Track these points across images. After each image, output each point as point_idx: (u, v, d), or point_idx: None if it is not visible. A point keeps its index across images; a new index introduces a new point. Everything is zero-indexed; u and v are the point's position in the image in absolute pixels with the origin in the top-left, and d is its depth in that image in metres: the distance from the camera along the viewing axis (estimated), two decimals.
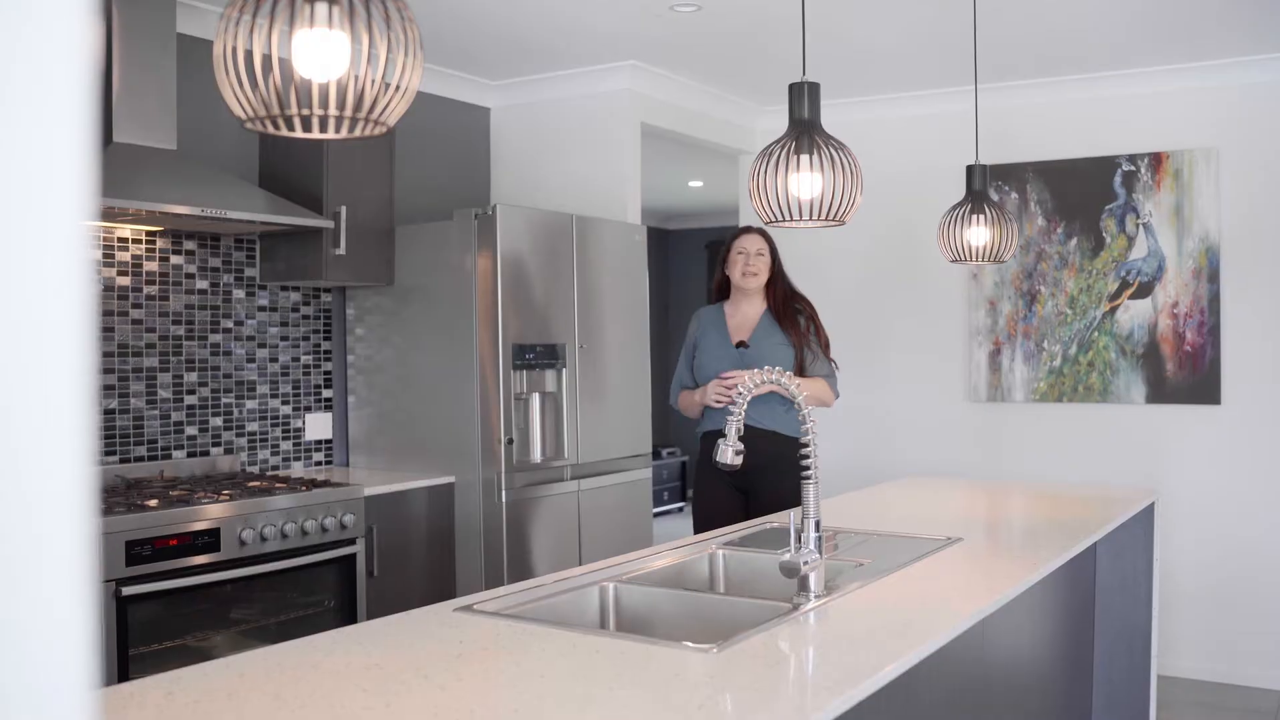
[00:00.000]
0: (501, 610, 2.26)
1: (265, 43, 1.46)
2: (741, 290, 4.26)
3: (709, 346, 4.22)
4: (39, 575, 0.54)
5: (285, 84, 1.46)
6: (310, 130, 1.55)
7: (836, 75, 5.47)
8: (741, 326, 4.23)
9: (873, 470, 5.70)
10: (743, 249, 4.25)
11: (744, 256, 4.22)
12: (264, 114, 1.45)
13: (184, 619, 3.58)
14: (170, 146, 3.99)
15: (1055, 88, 5.52)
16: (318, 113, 1.47)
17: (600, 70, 5.35)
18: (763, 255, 4.23)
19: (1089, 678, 3.90)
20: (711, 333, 4.24)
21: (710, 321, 4.29)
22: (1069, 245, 5.52)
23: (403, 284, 4.79)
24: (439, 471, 4.62)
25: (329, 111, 1.47)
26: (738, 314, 4.26)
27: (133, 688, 1.73)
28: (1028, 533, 3.45)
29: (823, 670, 1.93)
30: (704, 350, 4.22)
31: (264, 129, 1.51)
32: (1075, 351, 5.51)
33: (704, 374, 4.18)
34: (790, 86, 2.69)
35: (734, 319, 4.26)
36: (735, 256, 4.24)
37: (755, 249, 4.23)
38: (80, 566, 0.56)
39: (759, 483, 4.04)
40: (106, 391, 4.11)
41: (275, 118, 1.48)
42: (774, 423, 4.06)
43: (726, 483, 4.09)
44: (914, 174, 5.82)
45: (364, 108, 1.46)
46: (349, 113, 1.51)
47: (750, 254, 4.22)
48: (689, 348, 4.31)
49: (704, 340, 4.25)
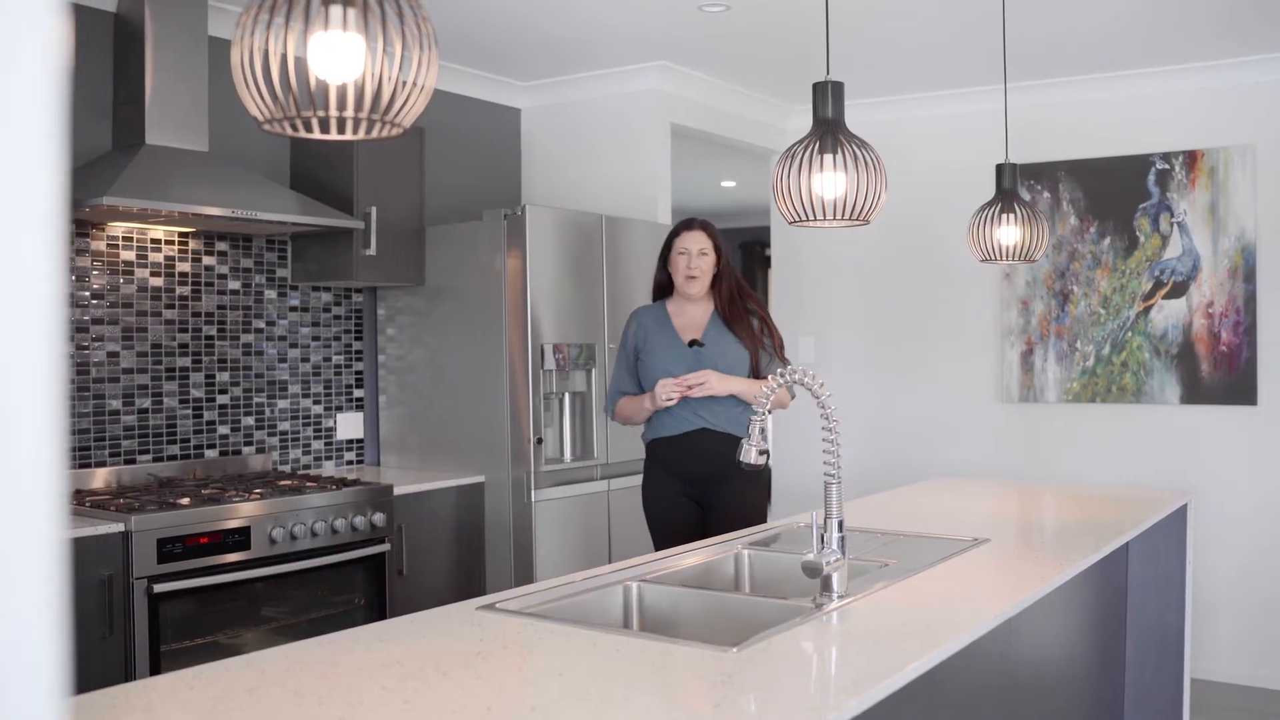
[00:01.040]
0: (523, 609, 2.27)
1: (283, 45, 1.48)
2: (683, 293, 3.88)
3: (656, 348, 3.84)
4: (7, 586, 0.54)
5: (302, 86, 1.47)
6: (328, 131, 1.57)
7: (866, 75, 5.45)
8: (690, 326, 3.87)
9: (902, 472, 5.68)
10: (684, 248, 3.84)
11: (685, 257, 3.83)
12: (281, 116, 1.46)
13: (215, 616, 3.62)
14: (202, 148, 4.03)
15: (1087, 85, 5.47)
16: (335, 114, 1.48)
17: (630, 71, 5.36)
18: (706, 255, 3.83)
19: (1120, 680, 3.87)
20: (657, 334, 3.87)
21: (653, 322, 3.90)
22: (1102, 244, 5.48)
23: (433, 284, 4.81)
24: (469, 471, 4.64)
25: (346, 113, 1.48)
26: (683, 314, 3.89)
27: (155, 682, 1.75)
28: (1056, 534, 3.43)
29: (841, 670, 1.93)
30: (651, 352, 3.85)
31: (282, 131, 1.53)
32: (1109, 351, 5.46)
33: (653, 377, 3.81)
34: (814, 86, 2.69)
35: (680, 319, 3.88)
36: (676, 257, 3.85)
37: (698, 248, 3.83)
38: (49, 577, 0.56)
39: (716, 493, 3.75)
40: (140, 391, 4.15)
41: (293, 119, 1.50)
42: (730, 424, 3.76)
43: (680, 493, 3.80)
44: (945, 173, 5.79)
45: (380, 109, 1.47)
46: (366, 114, 1.52)
47: (693, 254, 3.82)
48: (628, 353, 3.93)
49: (649, 342, 3.87)
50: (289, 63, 1.46)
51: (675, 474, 3.80)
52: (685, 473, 3.77)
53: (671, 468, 3.80)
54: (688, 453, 3.76)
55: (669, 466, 3.81)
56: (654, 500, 3.88)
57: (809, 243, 6.27)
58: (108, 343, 4.06)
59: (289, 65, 1.45)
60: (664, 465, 3.83)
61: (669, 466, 3.81)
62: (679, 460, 3.78)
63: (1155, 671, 3.95)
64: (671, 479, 3.81)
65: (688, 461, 3.76)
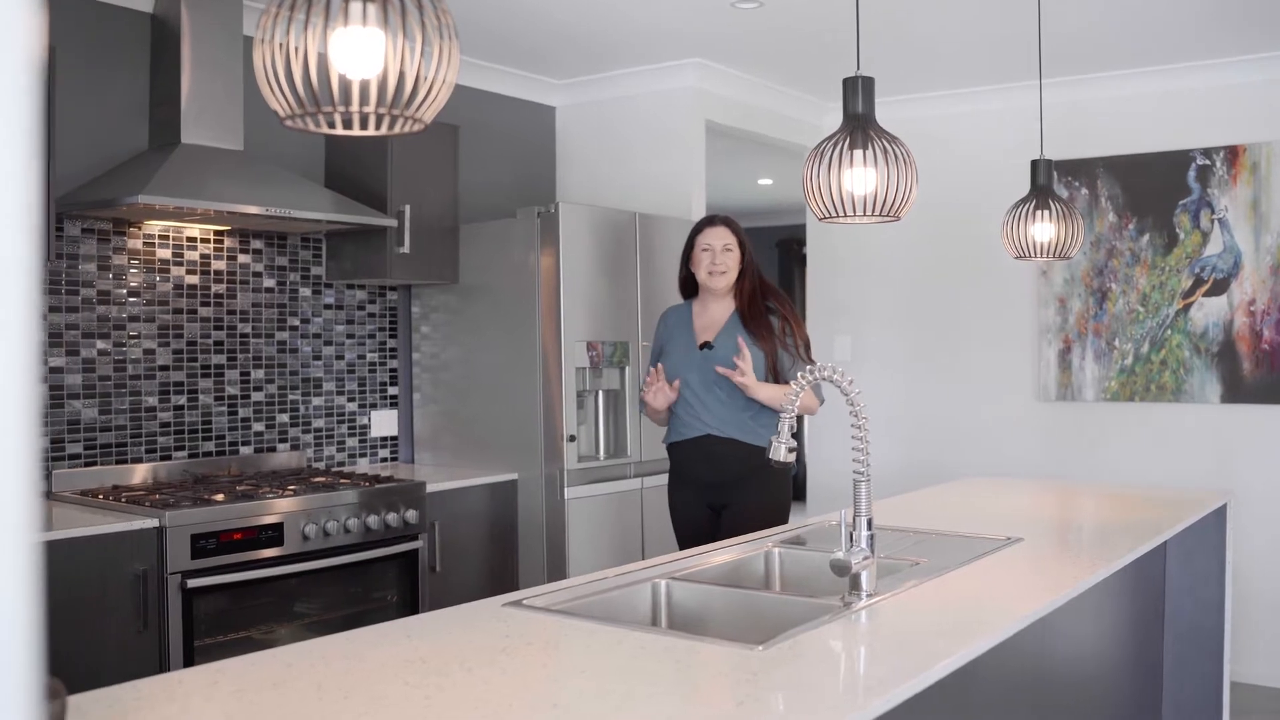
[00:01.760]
0: (551, 606, 2.27)
1: (305, 41, 1.48)
2: (709, 290, 3.83)
3: (675, 349, 3.82)
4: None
5: (324, 82, 1.48)
6: (351, 128, 1.57)
7: (903, 71, 5.41)
8: (708, 327, 3.81)
9: (938, 471, 5.64)
10: (708, 244, 3.79)
11: (709, 253, 3.77)
12: (301, 111, 1.47)
13: (248, 612, 3.64)
14: (237, 147, 4.06)
15: (1126, 80, 5.41)
16: (356, 110, 1.49)
17: (664, 68, 5.35)
18: (730, 250, 3.77)
19: (1158, 681, 3.82)
20: (679, 334, 3.85)
21: (677, 322, 3.89)
22: (1141, 241, 5.41)
23: (467, 282, 4.82)
24: (503, 468, 4.65)
25: (368, 109, 1.48)
26: (705, 314, 3.84)
27: (180, 675, 1.76)
28: (1091, 533, 3.39)
29: (868, 669, 1.91)
30: (670, 353, 3.83)
31: (305, 127, 1.53)
32: (1148, 350, 5.40)
33: (668, 377, 3.77)
34: (844, 81, 2.67)
35: (701, 319, 3.84)
36: (700, 254, 3.79)
37: (722, 244, 3.77)
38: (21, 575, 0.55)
39: (731, 499, 3.71)
40: (175, 388, 4.19)
41: (315, 115, 1.50)
42: (739, 431, 3.71)
43: (697, 499, 3.79)
44: (982, 170, 5.74)
45: (400, 104, 1.47)
46: (388, 110, 1.52)
47: (716, 250, 3.77)
48: (655, 352, 3.93)
49: (671, 343, 3.86)
50: (310, 59, 1.46)
51: (689, 480, 3.81)
52: (697, 478, 3.77)
53: (685, 473, 3.81)
54: (696, 458, 3.76)
55: (683, 472, 3.82)
56: (676, 508, 3.88)
57: (845, 241, 6.24)
58: (144, 340, 4.09)
59: (310, 61, 1.46)
60: (679, 470, 3.85)
61: (683, 472, 3.82)
62: (690, 465, 3.79)
63: (1193, 674, 3.90)
64: (687, 485, 3.81)
65: (698, 467, 3.76)
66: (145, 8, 4.07)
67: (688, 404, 3.75)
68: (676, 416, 3.80)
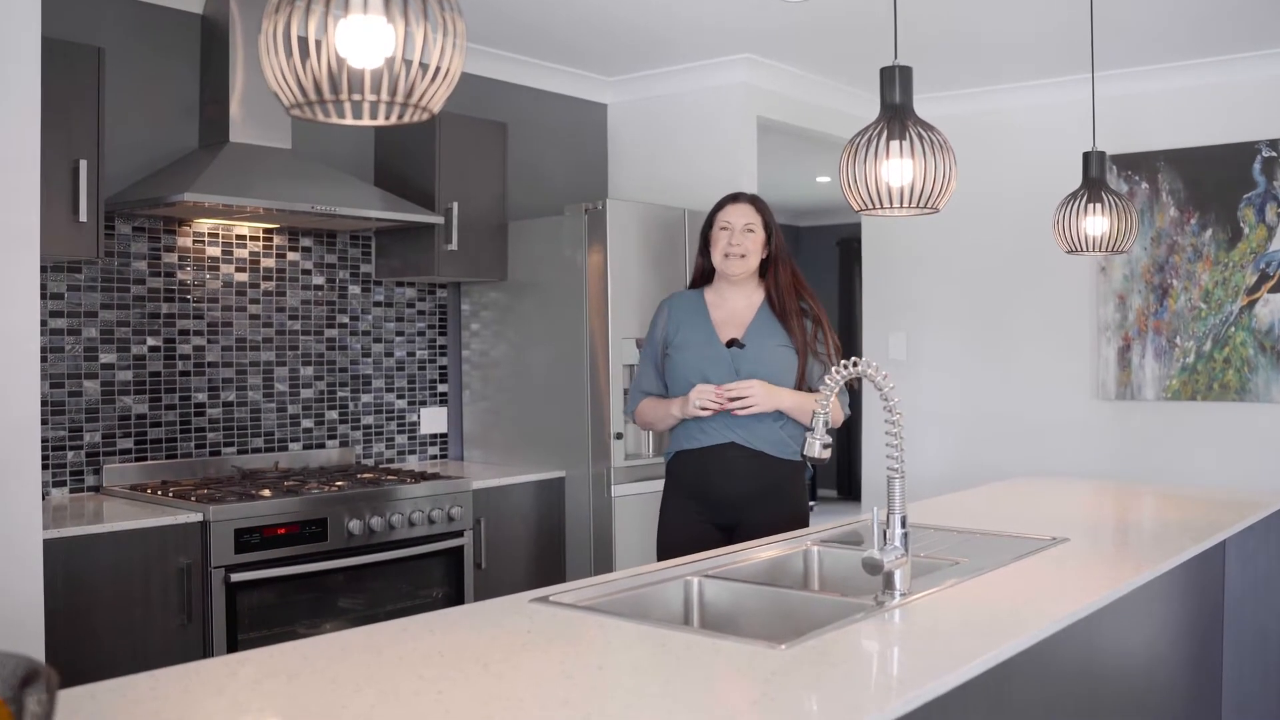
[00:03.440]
0: (578, 602, 2.24)
1: (309, 28, 1.47)
2: (726, 276, 3.35)
3: (689, 344, 3.32)
4: None
5: (329, 70, 1.46)
6: (360, 117, 1.56)
7: (954, 66, 5.33)
8: (731, 321, 3.33)
9: (993, 470, 5.54)
10: (727, 222, 3.31)
11: (728, 232, 3.30)
12: (306, 100, 1.46)
13: (293, 607, 3.66)
14: (285, 146, 4.09)
15: (1185, 71, 5.27)
16: (361, 98, 1.47)
17: (715, 64, 5.32)
18: (753, 231, 3.30)
19: (1217, 687, 3.72)
20: (691, 328, 3.34)
21: (687, 313, 3.37)
22: (1203, 236, 5.28)
23: (516, 279, 4.82)
24: (551, 466, 4.64)
25: (371, 97, 1.47)
26: (725, 305, 3.36)
27: (198, 666, 1.76)
28: (1142, 534, 3.31)
29: (892, 670, 1.87)
30: (682, 349, 3.32)
31: (311, 116, 1.52)
32: (1210, 348, 5.27)
33: (682, 378, 3.31)
34: (881, 71, 2.62)
35: (720, 311, 3.35)
36: (717, 233, 3.32)
37: (743, 223, 3.30)
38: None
39: (748, 519, 3.25)
40: (225, 384, 4.23)
41: (320, 104, 1.49)
42: (764, 442, 3.27)
43: (704, 521, 3.31)
44: (1038, 166, 5.63)
45: (402, 92, 1.46)
46: (396, 98, 1.51)
47: (736, 228, 3.29)
48: (654, 346, 3.42)
49: (680, 337, 3.34)
50: (315, 47, 1.45)
51: (699, 497, 3.32)
52: (711, 495, 3.30)
53: (695, 489, 3.33)
54: (715, 471, 3.28)
55: (692, 488, 3.34)
56: (673, 531, 3.35)
57: (900, 238, 6.16)
58: (193, 337, 4.14)
59: (311, 50, 1.45)
60: (686, 487, 3.35)
61: (692, 488, 3.34)
62: (704, 480, 3.31)
63: (1255, 680, 3.79)
64: (694, 503, 3.33)
65: (715, 482, 3.29)
66: (195, 8, 4.11)
67: None
68: (691, 421, 3.31)
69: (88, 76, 3.44)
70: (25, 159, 2.83)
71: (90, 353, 3.86)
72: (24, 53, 2.82)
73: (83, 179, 3.40)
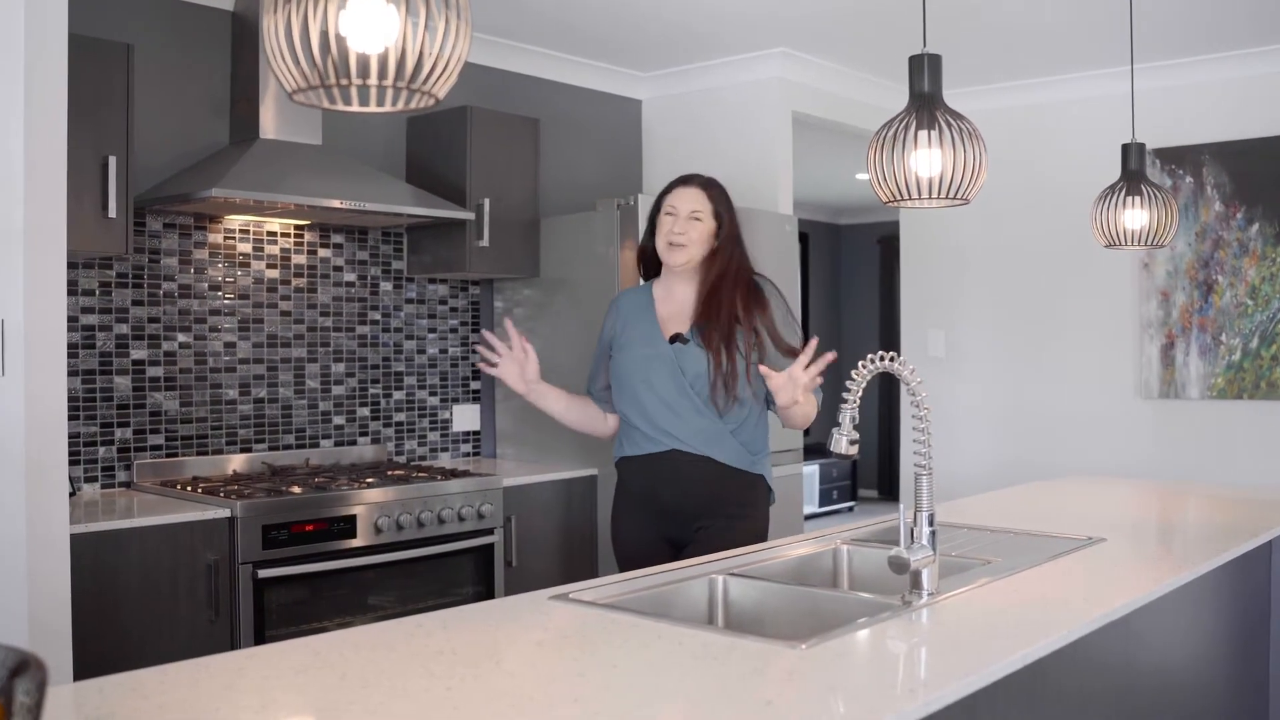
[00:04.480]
0: (598, 600, 2.21)
1: (313, 14, 1.45)
2: (668, 266, 3.06)
3: (632, 341, 3.08)
4: None
5: (333, 55, 1.44)
6: (367, 103, 1.54)
7: (992, 59, 5.25)
8: (678, 315, 3.08)
9: (1034, 470, 5.44)
10: (672, 207, 3.03)
11: (672, 218, 3.02)
12: (309, 85, 1.43)
13: (321, 604, 3.65)
14: (316, 142, 4.09)
15: (1230, 62, 5.16)
16: (364, 83, 1.45)
17: (750, 58, 5.27)
18: (699, 219, 3.01)
19: (1264, 691, 3.63)
20: (637, 323, 3.11)
21: (634, 309, 3.14)
22: (1250, 231, 5.17)
23: (548, 275, 4.80)
24: (584, 464, 4.60)
25: (375, 82, 1.45)
26: (671, 299, 3.10)
27: (207, 661, 1.74)
28: (1182, 534, 3.23)
29: (911, 671, 1.82)
30: (625, 347, 3.10)
31: (316, 102, 1.50)
32: (1257, 345, 5.15)
33: (624, 377, 3.09)
34: (910, 59, 2.57)
35: (667, 305, 3.10)
36: (663, 218, 3.04)
37: (689, 209, 3.01)
38: None
39: (695, 536, 3.03)
40: (256, 381, 4.23)
41: (325, 89, 1.46)
42: (715, 447, 3.02)
43: (653, 533, 3.10)
44: (1079, 160, 5.53)
45: (406, 77, 1.43)
46: (402, 84, 1.48)
47: (680, 215, 3.00)
48: (602, 346, 3.24)
49: (625, 335, 3.12)
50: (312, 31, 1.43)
51: (646, 507, 3.12)
52: (657, 505, 3.10)
53: (642, 498, 3.13)
54: (659, 479, 3.07)
55: (639, 497, 3.14)
56: (624, 541, 3.17)
57: (939, 235, 6.09)
58: (224, 333, 4.14)
59: (312, 34, 1.42)
60: (630, 492, 3.17)
61: (639, 497, 3.14)
62: (649, 489, 3.10)
63: None
64: (642, 514, 3.13)
65: (660, 490, 3.08)
66: (225, 5, 4.12)
67: (648, 411, 3.06)
68: (632, 426, 3.10)
69: (117, 73, 3.45)
70: (52, 156, 2.83)
71: (121, 349, 3.87)
72: (50, 50, 2.83)
73: (112, 175, 3.41)
